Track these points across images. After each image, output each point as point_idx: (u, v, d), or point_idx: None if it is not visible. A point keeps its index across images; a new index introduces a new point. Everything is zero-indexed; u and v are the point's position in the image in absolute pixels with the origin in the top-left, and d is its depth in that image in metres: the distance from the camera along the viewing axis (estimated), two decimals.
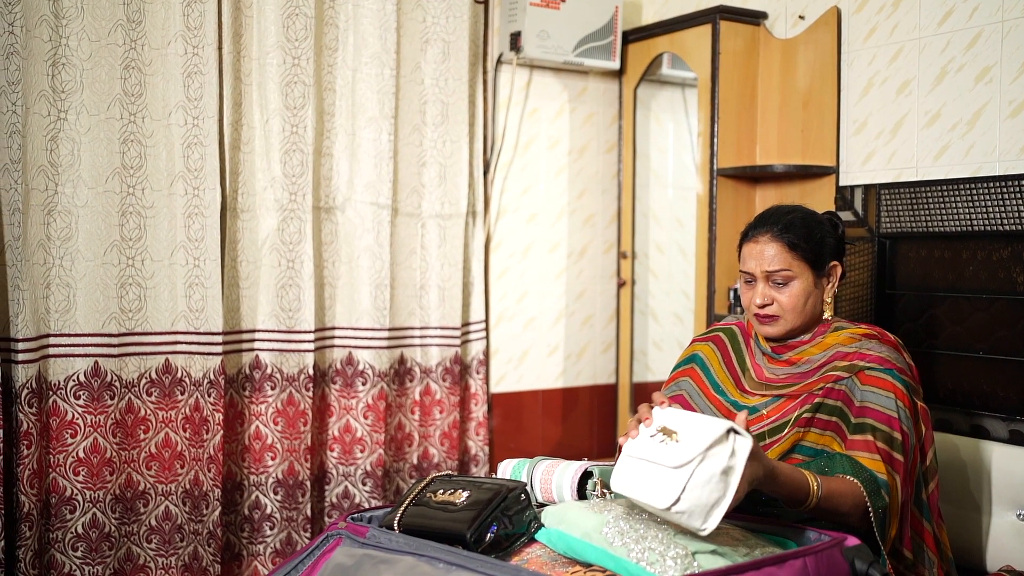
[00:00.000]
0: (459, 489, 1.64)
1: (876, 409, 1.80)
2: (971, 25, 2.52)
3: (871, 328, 1.94)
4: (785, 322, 1.93)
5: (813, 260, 1.93)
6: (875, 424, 1.79)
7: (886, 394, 1.81)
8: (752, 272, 1.94)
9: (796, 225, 1.93)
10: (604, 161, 3.45)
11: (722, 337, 2.09)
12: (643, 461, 1.56)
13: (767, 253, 1.92)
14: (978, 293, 2.49)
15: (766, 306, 1.93)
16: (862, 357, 1.86)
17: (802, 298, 1.91)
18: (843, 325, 1.96)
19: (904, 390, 1.83)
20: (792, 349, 1.96)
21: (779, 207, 2.01)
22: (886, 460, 1.76)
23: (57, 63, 2.41)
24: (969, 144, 2.52)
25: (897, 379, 1.83)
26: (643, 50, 3.31)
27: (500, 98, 3.22)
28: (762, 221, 1.97)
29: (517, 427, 3.28)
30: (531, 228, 3.32)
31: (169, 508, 2.59)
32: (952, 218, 2.53)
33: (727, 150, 3.05)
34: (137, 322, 2.55)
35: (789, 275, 1.91)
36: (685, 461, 1.49)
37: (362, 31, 2.86)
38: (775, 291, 1.93)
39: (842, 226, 2.04)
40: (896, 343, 1.91)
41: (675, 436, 1.54)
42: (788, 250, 1.91)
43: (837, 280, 1.98)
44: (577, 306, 3.42)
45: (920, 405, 1.86)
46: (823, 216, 2.02)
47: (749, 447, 1.49)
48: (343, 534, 1.62)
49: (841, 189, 2.84)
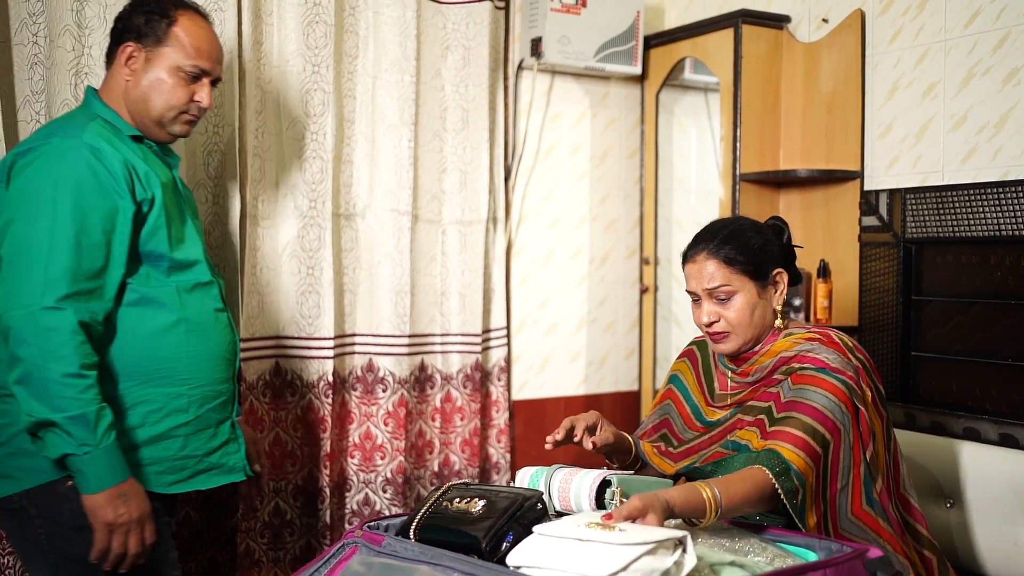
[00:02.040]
0: (475, 498, 1.63)
1: (801, 402, 1.81)
2: (998, 27, 2.48)
3: (820, 331, 1.92)
4: (736, 337, 1.92)
5: (753, 271, 1.91)
6: (797, 415, 1.80)
7: (815, 390, 1.81)
8: (695, 291, 1.94)
9: (731, 239, 1.91)
10: (626, 166, 3.43)
11: (695, 352, 2.12)
12: (571, 540, 1.45)
13: (705, 271, 1.91)
14: (1007, 299, 2.45)
15: (713, 323, 1.92)
16: (800, 360, 1.86)
17: (747, 311, 1.90)
18: (793, 331, 1.95)
19: (842, 388, 1.81)
20: (746, 361, 1.96)
21: (715, 222, 2.01)
22: (801, 448, 1.76)
23: (80, 72, 2.42)
24: (997, 147, 2.48)
25: (832, 377, 1.82)
26: (665, 55, 3.29)
27: (521, 104, 3.21)
28: (698, 239, 1.96)
29: (539, 434, 3.25)
30: (553, 234, 3.30)
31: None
32: (979, 223, 2.50)
33: (750, 155, 3.02)
34: None
35: (730, 290, 1.90)
36: (633, 542, 1.40)
37: (382, 38, 2.86)
38: (720, 307, 1.91)
39: (787, 232, 2.01)
40: (840, 345, 1.88)
41: (616, 528, 1.45)
42: (725, 265, 1.90)
43: (785, 287, 1.95)
44: (599, 312, 3.40)
45: (860, 409, 1.83)
46: (766, 223, 2.01)
47: (692, 566, 1.44)
48: (359, 542, 1.61)
49: (866, 194, 2.80)
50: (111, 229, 1.88)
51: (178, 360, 1.95)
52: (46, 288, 1.79)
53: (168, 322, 1.95)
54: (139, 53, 2.01)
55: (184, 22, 2.02)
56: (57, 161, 1.86)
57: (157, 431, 1.94)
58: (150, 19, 2.00)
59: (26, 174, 1.87)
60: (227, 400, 2.06)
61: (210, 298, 2.05)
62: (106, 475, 1.80)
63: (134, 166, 1.93)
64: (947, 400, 2.60)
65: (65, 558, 1.90)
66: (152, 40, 2.00)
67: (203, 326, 2.00)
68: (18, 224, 1.84)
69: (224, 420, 2.06)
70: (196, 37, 2.02)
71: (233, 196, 2.61)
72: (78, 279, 1.82)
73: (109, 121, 2.00)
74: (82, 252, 1.83)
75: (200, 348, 1.99)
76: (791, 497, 1.73)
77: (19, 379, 1.79)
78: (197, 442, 1.99)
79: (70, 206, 1.84)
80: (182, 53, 2.01)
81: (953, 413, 2.55)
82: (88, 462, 1.78)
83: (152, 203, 1.94)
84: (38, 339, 1.78)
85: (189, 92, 2.03)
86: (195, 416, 1.98)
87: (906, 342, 2.70)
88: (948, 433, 2.54)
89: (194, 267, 2.03)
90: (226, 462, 2.05)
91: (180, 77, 2.01)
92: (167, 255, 1.96)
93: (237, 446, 2.09)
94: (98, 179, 1.87)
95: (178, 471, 1.97)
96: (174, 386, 1.95)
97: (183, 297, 1.98)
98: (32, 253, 1.82)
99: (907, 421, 2.64)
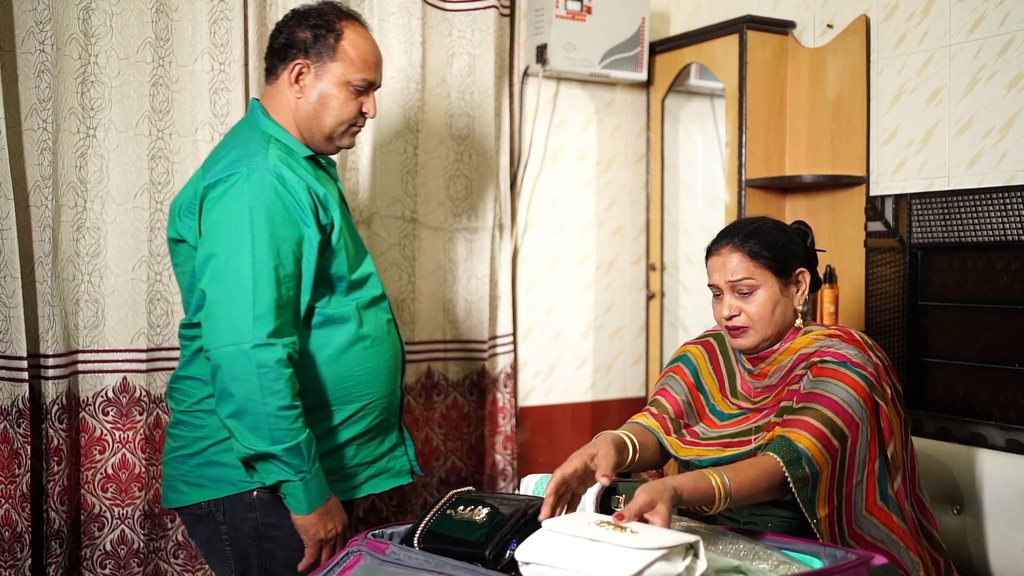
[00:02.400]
0: (479, 506, 1.63)
1: (820, 394, 1.80)
2: (1003, 31, 2.48)
3: (839, 329, 1.92)
4: (755, 332, 1.91)
5: (777, 267, 1.91)
6: (814, 406, 1.78)
7: (835, 382, 1.80)
8: (717, 284, 1.94)
9: (756, 234, 1.92)
10: (632, 173, 3.43)
11: (712, 343, 2.09)
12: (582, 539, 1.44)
13: (730, 264, 1.91)
14: (1013, 304, 2.44)
15: (734, 317, 1.91)
16: (820, 355, 1.85)
17: (769, 307, 1.89)
18: (812, 328, 1.95)
19: (861, 383, 1.80)
20: (764, 360, 1.95)
21: (741, 219, 2.01)
22: (817, 437, 1.74)
23: (86, 81, 2.44)
24: (1002, 152, 2.48)
25: (853, 371, 1.81)
26: (671, 61, 3.30)
27: (527, 111, 3.21)
28: (723, 234, 1.97)
29: (546, 441, 3.26)
30: (559, 240, 3.30)
31: None
32: (985, 227, 2.49)
33: (756, 160, 3.02)
34: (165, 337, 2.56)
35: (753, 284, 1.90)
36: (648, 546, 1.38)
37: (387, 46, 2.86)
38: (741, 302, 1.91)
39: (811, 235, 2.02)
40: (860, 342, 1.88)
41: (628, 529, 1.44)
42: (750, 259, 1.90)
43: (808, 287, 1.95)
44: (606, 319, 3.40)
45: (881, 405, 1.82)
46: (792, 225, 2.02)
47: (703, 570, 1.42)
48: (363, 551, 1.61)
49: (871, 199, 2.80)
50: (300, 257, 1.92)
51: (358, 376, 2.00)
52: (255, 325, 1.82)
53: (349, 340, 1.99)
54: (308, 69, 2.02)
55: (350, 35, 2.03)
56: (247, 192, 1.88)
57: (334, 443, 2.00)
58: (317, 34, 2.01)
59: (219, 207, 1.89)
60: (395, 406, 2.10)
61: (382, 311, 2.08)
62: (316, 497, 1.89)
63: (316, 191, 1.95)
64: (954, 405, 2.59)
65: (244, 563, 1.98)
66: (320, 55, 2.01)
67: (379, 340, 2.05)
68: (219, 259, 1.87)
69: (392, 426, 2.10)
70: (362, 49, 2.03)
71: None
72: (282, 312, 1.87)
73: (282, 142, 2.01)
74: (280, 284, 1.87)
75: (376, 362, 2.03)
76: (801, 485, 1.72)
77: (233, 414, 1.84)
78: (368, 449, 2.05)
79: (266, 237, 1.86)
80: (351, 67, 2.01)
81: (960, 419, 2.54)
82: (303, 487, 1.87)
83: (332, 227, 1.97)
84: (253, 376, 1.81)
85: (358, 104, 2.05)
86: (368, 427, 2.03)
87: (912, 347, 2.69)
88: (955, 439, 2.53)
89: (368, 282, 2.06)
90: (393, 466, 2.10)
91: (349, 91, 2.02)
92: (347, 276, 2.00)
93: (404, 449, 2.13)
94: (287, 208, 1.90)
95: (350, 479, 2.03)
96: (355, 401, 2.01)
97: (362, 314, 2.01)
98: (237, 288, 1.85)
99: (914, 427, 2.63)
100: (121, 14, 2.47)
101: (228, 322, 1.84)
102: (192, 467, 2.00)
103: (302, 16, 2.04)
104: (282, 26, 2.06)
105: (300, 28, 2.02)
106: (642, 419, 1.99)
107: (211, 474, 1.97)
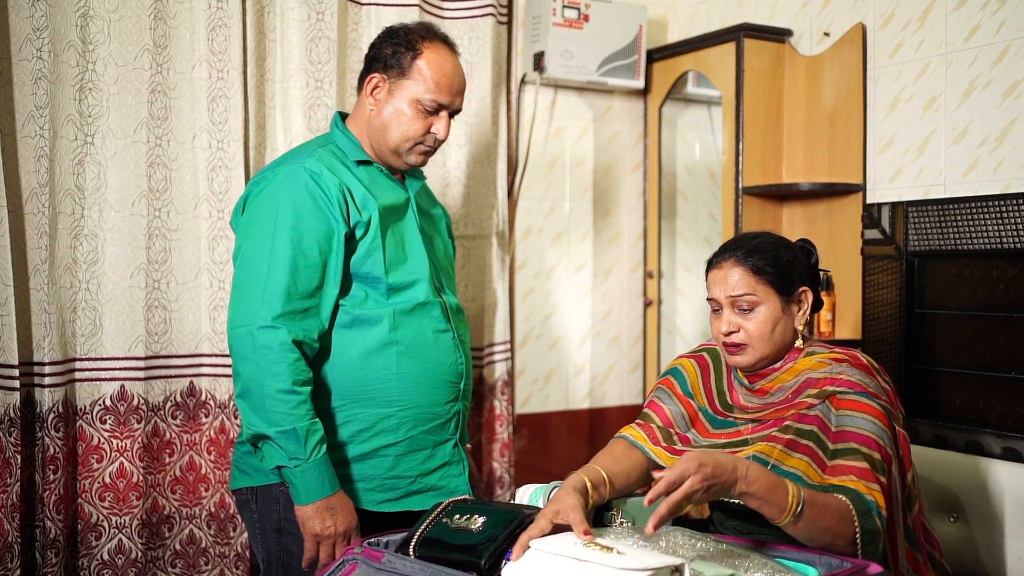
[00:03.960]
0: (475, 515, 1.63)
1: (857, 432, 1.73)
2: (998, 40, 2.48)
3: (844, 352, 1.86)
4: (753, 351, 1.84)
5: (779, 285, 1.85)
6: (858, 447, 1.72)
7: (864, 416, 1.74)
8: (717, 299, 1.87)
9: (759, 249, 1.86)
10: (630, 180, 3.44)
11: (706, 357, 2.02)
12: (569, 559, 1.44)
13: (731, 278, 1.84)
14: (1009, 311, 2.44)
15: (732, 334, 1.85)
16: (833, 382, 1.79)
17: (769, 324, 1.83)
18: (815, 350, 1.88)
19: (883, 412, 1.76)
20: (764, 378, 1.89)
21: (745, 233, 1.96)
22: (874, 482, 1.68)
23: (84, 88, 2.44)
24: (998, 160, 2.48)
25: (874, 402, 1.76)
26: (668, 68, 3.30)
27: (524, 118, 3.22)
28: (725, 248, 1.90)
29: (543, 448, 3.26)
30: (556, 248, 3.31)
31: (194, 532, 2.59)
32: (981, 235, 2.50)
33: (752, 168, 3.03)
34: (163, 345, 2.56)
35: (754, 300, 1.83)
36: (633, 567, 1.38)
37: None
38: (741, 318, 1.85)
39: (815, 254, 1.96)
40: (868, 367, 1.83)
41: (614, 550, 1.43)
42: (752, 274, 1.84)
43: (809, 307, 1.89)
44: (603, 326, 3.40)
45: (899, 431, 1.79)
46: (796, 243, 1.96)
47: None
48: (359, 559, 1.61)
49: (868, 207, 2.80)
50: (328, 251, 1.99)
51: (388, 381, 2.03)
52: (262, 307, 1.93)
53: (378, 343, 2.03)
54: (383, 84, 2.10)
55: (428, 55, 2.09)
56: (280, 187, 2.01)
57: (365, 449, 2.03)
58: (396, 51, 2.09)
59: (254, 202, 2.04)
60: (446, 422, 2.11)
61: (430, 319, 2.09)
62: (315, 488, 1.93)
63: (350, 189, 2.03)
64: (950, 413, 2.59)
65: (269, 554, 2.05)
66: (396, 72, 2.08)
67: (419, 348, 2.06)
68: (246, 248, 2.01)
69: (444, 442, 2.11)
70: (438, 71, 2.09)
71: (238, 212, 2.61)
72: (293, 299, 1.95)
73: (339, 146, 2.11)
74: (298, 272, 1.96)
75: (414, 370, 2.05)
76: (871, 539, 1.63)
77: (240, 393, 1.96)
78: (409, 463, 2.06)
79: (288, 228, 1.97)
80: (423, 87, 2.07)
81: (956, 426, 2.54)
82: (299, 475, 1.92)
83: (368, 226, 2.02)
84: (255, 356, 1.92)
85: (426, 124, 2.10)
86: (406, 437, 2.05)
87: (909, 355, 2.69)
88: (951, 446, 2.53)
89: (413, 287, 2.08)
90: (446, 484, 2.11)
91: (419, 110, 2.08)
92: (383, 277, 2.04)
93: (460, 469, 2.13)
94: (315, 201, 1.98)
95: (388, 490, 2.05)
96: (383, 407, 2.03)
97: (399, 319, 2.04)
98: (253, 274, 1.97)
99: (910, 435, 2.63)
100: (119, 21, 2.47)
101: (241, 305, 1.96)
102: (241, 454, 2.10)
103: (391, 33, 2.14)
104: (374, 41, 2.16)
105: (385, 44, 2.12)
106: (628, 432, 1.95)
107: (252, 463, 2.06)
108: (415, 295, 2.08)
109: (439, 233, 2.27)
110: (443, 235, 2.30)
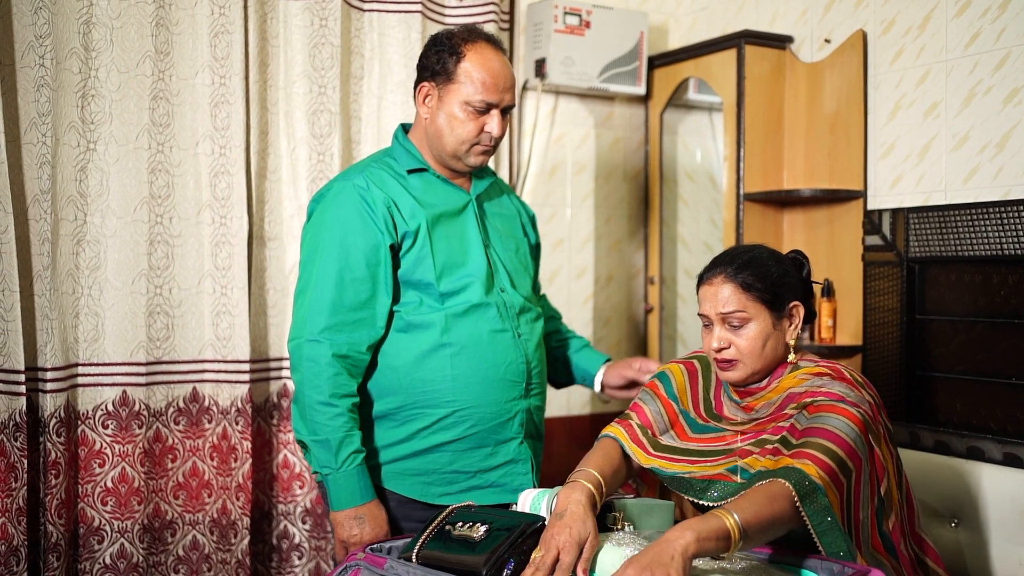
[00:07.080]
0: (478, 523, 1.63)
1: (823, 428, 1.72)
2: (999, 47, 2.49)
3: (828, 366, 1.84)
4: (744, 366, 1.84)
5: (770, 300, 1.84)
6: (819, 440, 1.70)
7: (836, 417, 1.73)
8: (707, 315, 1.87)
9: (750, 265, 1.85)
10: (631, 186, 3.44)
11: (696, 365, 2.02)
12: None
13: (721, 295, 1.84)
14: (1010, 318, 2.45)
15: (723, 350, 1.85)
16: (812, 395, 1.78)
17: (759, 340, 1.83)
18: (801, 365, 1.87)
19: (860, 419, 1.74)
20: (751, 395, 1.89)
21: (736, 247, 1.95)
22: (827, 472, 1.66)
23: (87, 95, 2.44)
24: (999, 166, 2.49)
25: (852, 408, 1.74)
26: (669, 75, 3.31)
27: (525, 124, 3.23)
28: (716, 263, 1.90)
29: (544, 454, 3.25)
30: (557, 254, 3.31)
31: (196, 538, 2.59)
32: (982, 242, 2.50)
33: (754, 175, 3.03)
34: (165, 351, 2.56)
35: (744, 316, 1.83)
36: None
37: (387, 59, 2.88)
38: (731, 334, 1.84)
39: (807, 266, 1.95)
40: (851, 380, 1.81)
41: None
42: (742, 291, 1.83)
43: (800, 321, 1.89)
44: (604, 332, 3.40)
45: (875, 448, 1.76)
46: (787, 255, 1.95)
47: None
48: (361, 565, 1.62)
49: (869, 213, 2.81)
50: (376, 263, 2.06)
51: (443, 382, 2.07)
52: (309, 321, 2.03)
53: (431, 346, 2.07)
54: (433, 91, 2.13)
55: (472, 57, 2.10)
56: (330, 205, 2.09)
57: (424, 445, 2.08)
58: (441, 57, 2.11)
59: (309, 223, 2.14)
60: (508, 420, 2.13)
61: (485, 320, 2.12)
62: (345, 497, 2.00)
63: (396, 202, 2.08)
64: (951, 419, 2.60)
65: None
66: (443, 78, 2.11)
67: (473, 348, 2.09)
68: (303, 264, 2.11)
69: (508, 440, 2.14)
70: (483, 71, 2.10)
71: (240, 217, 2.62)
72: (339, 311, 2.03)
73: (393, 157, 2.16)
74: (344, 286, 2.04)
75: (469, 370, 2.08)
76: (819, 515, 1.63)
77: (294, 400, 2.08)
78: (469, 459, 2.10)
79: (336, 244, 2.05)
80: (471, 88, 2.09)
81: (957, 432, 2.54)
82: (331, 482, 2.00)
83: (416, 235, 2.07)
84: (302, 367, 2.03)
85: (479, 125, 2.11)
86: (465, 434, 2.09)
87: (910, 361, 2.70)
88: (952, 452, 2.53)
89: (467, 290, 2.11)
90: (509, 482, 2.15)
91: (469, 112, 2.10)
92: (434, 284, 2.08)
93: (527, 468, 2.17)
94: (361, 217, 2.05)
95: (448, 483, 2.10)
96: (440, 407, 2.08)
97: (450, 322, 2.08)
98: (305, 290, 2.07)
99: (911, 440, 2.64)
100: (121, 28, 2.48)
101: (295, 319, 2.08)
102: None
103: (435, 40, 2.16)
104: (422, 51, 2.18)
105: (430, 52, 2.14)
106: (611, 430, 1.98)
107: None
108: (468, 297, 2.10)
109: (511, 231, 2.27)
110: (516, 233, 2.29)
